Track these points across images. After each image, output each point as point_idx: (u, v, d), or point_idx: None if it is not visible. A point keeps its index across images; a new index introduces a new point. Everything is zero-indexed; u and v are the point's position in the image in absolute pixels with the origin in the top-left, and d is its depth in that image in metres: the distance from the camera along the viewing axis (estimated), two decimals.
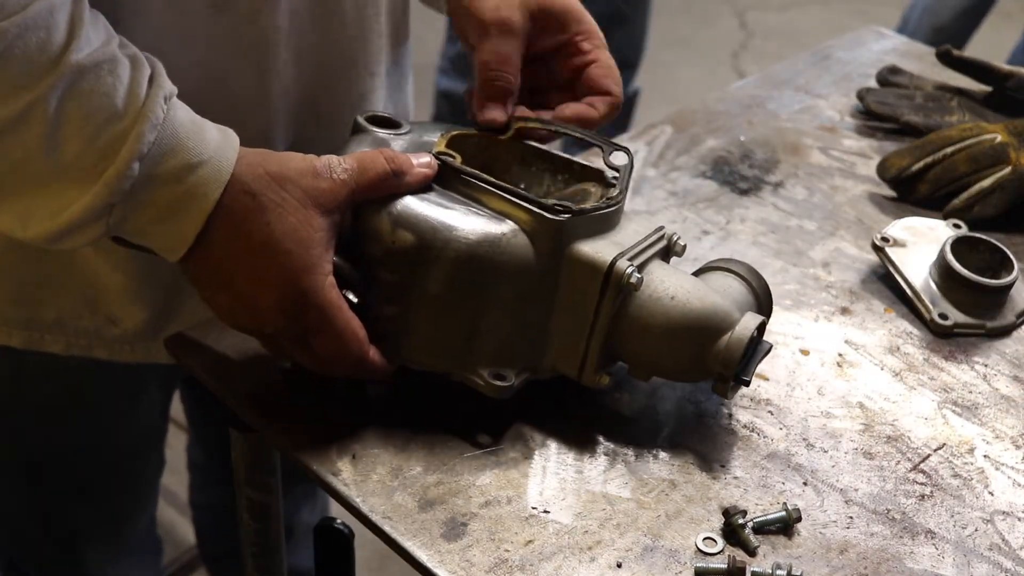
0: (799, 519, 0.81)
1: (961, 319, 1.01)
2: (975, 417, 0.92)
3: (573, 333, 0.83)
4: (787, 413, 0.91)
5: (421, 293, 0.80)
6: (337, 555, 0.99)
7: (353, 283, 0.81)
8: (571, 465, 0.84)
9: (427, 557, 0.76)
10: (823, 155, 1.26)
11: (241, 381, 0.88)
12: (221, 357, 0.90)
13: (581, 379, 0.84)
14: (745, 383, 0.83)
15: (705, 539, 0.79)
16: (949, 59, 1.31)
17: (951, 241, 1.03)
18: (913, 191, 1.19)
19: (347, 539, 0.98)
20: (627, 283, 0.80)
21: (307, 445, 0.83)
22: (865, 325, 1.01)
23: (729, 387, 0.83)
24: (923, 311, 1.02)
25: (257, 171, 0.77)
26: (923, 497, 0.84)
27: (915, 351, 0.99)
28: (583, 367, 0.84)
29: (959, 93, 1.32)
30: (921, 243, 1.07)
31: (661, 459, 0.85)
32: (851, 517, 0.82)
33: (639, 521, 0.80)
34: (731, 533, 0.79)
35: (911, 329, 1.01)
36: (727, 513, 0.80)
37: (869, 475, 0.86)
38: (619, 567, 0.76)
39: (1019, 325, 1.03)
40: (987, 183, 1.15)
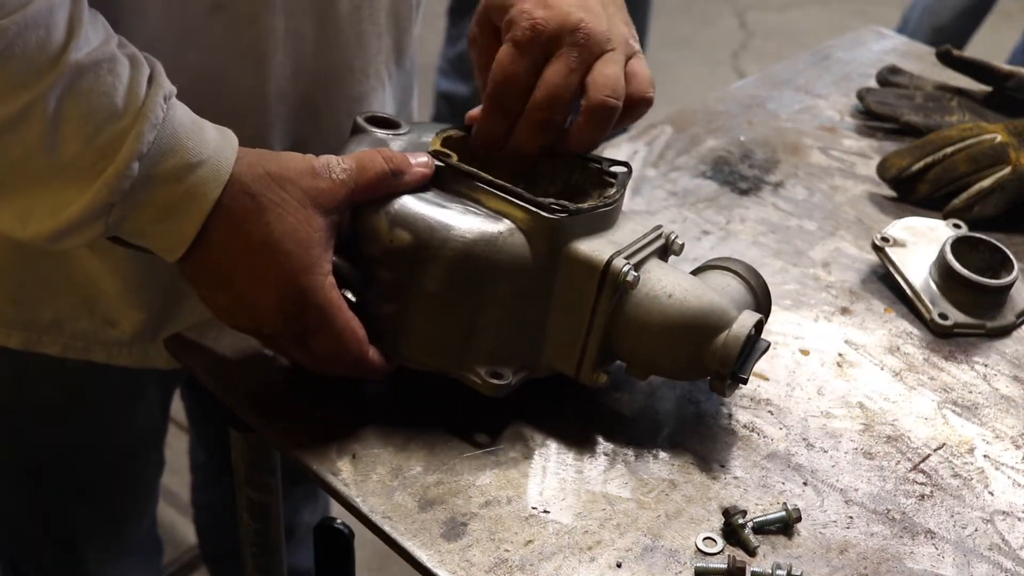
0: (799, 519, 0.81)
1: (961, 319, 1.01)
2: (975, 417, 0.92)
3: (570, 332, 0.83)
4: (787, 413, 0.91)
5: (419, 292, 0.80)
6: (337, 555, 0.99)
7: (352, 282, 0.81)
8: (571, 465, 0.84)
9: (427, 557, 0.76)
10: (823, 155, 1.26)
11: (241, 381, 0.88)
12: (221, 357, 0.90)
13: (579, 378, 0.84)
14: (743, 381, 0.83)
15: (705, 539, 0.79)
16: (949, 59, 1.31)
17: (951, 241, 1.03)
18: (913, 191, 1.19)
19: (347, 539, 0.98)
20: (623, 281, 0.80)
21: (307, 445, 0.83)
22: (865, 325, 1.01)
23: (726, 385, 0.83)
24: (923, 311, 1.02)
25: (256, 171, 0.77)
26: (923, 497, 0.84)
27: (915, 351, 0.99)
28: (580, 366, 0.84)
29: (959, 93, 1.32)
30: (921, 243, 1.07)
31: (661, 459, 0.85)
32: (851, 517, 0.82)
33: (639, 521, 0.80)
34: (731, 533, 0.79)
35: (911, 329, 1.01)
36: (727, 513, 0.80)
37: (869, 475, 0.86)
38: (619, 567, 0.76)
39: (1019, 325, 1.03)
40: (987, 183, 1.15)
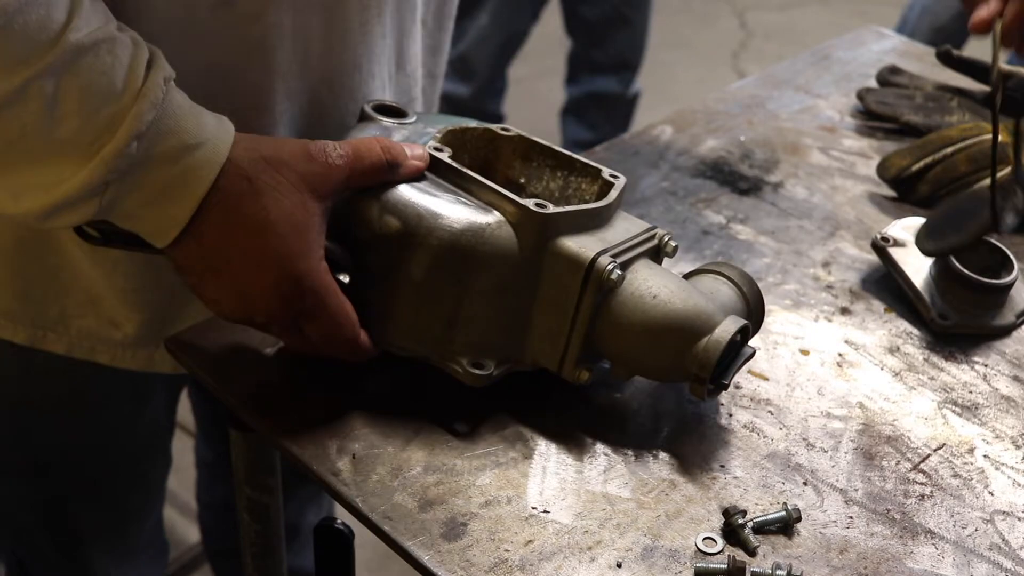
0: (799, 519, 0.81)
1: (961, 319, 1.01)
2: (975, 417, 0.92)
3: (554, 327, 0.83)
4: (787, 413, 0.91)
5: (405, 279, 0.81)
6: (337, 555, 0.99)
7: (344, 266, 0.82)
8: (571, 465, 0.84)
9: (427, 557, 0.76)
10: (823, 155, 1.26)
11: (241, 381, 0.88)
12: (221, 357, 0.90)
13: (561, 373, 0.85)
14: (723, 387, 0.84)
15: (705, 539, 0.79)
16: (949, 59, 1.31)
17: None
18: (913, 191, 1.19)
19: (347, 539, 0.98)
20: (607, 280, 0.81)
21: (307, 445, 0.83)
22: (865, 325, 1.01)
23: (705, 389, 0.83)
24: (923, 311, 1.02)
25: (253, 154, 0.77)
26: (923, 497, 0.84)
27: (915, 351, 0.99)
28: (563, 361, 0.84)
29: (959, 93, 1.32)
30: None
31: (661, 459, 0.85)
32: (851, 517, 0.82)
33: (639, 521, 0.80)
34: (731, 533, 0.79)
35: (911, 329, 1.01)
36: (727, 513, 0.80)
37: (869, 475, 0.86)
38: (619, 567, 0.76)
39: (1019, 325, 1.03)
40: (987, 183, 1.15)
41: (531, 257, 0.82)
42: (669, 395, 0.91)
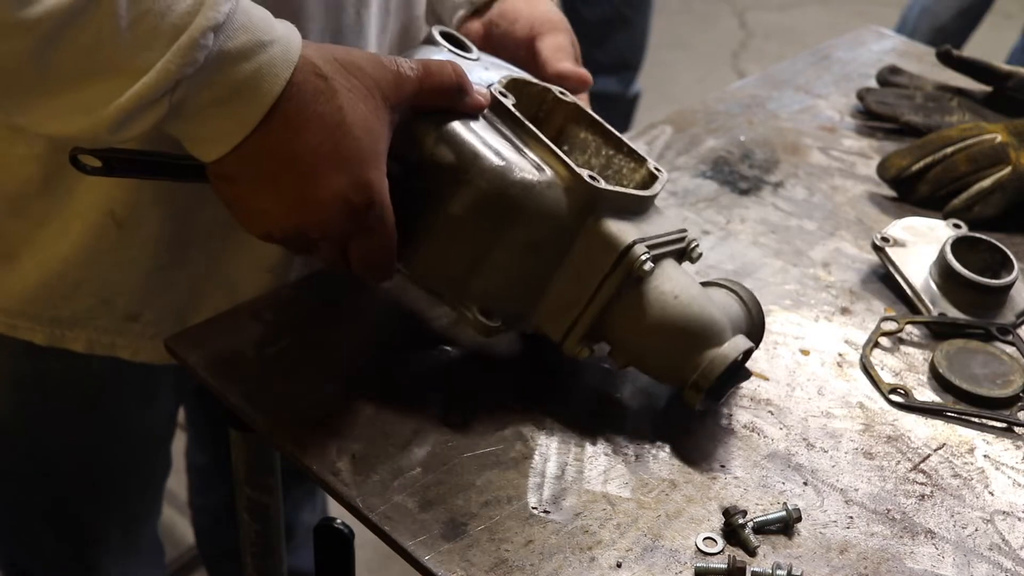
0: (799, 519, 0.81)
1: (961, 319, 1.01)
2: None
3: (570, 299, 0.83)
4: (787, 413, 0.91)
5: (444, 212, 0.80)
6: (337, 555, 0.99)
7: (393, 186, 0.79)
8: (571, 465, 0.84)
9: (427, 557, 0.76)
10: (823, 155, 1.26)
11: (241, 381, 0.88)
12: (221, 357, 0.90)
13: (563, 346, 0.85)
14: (714, 401, 0.85)
15: (705, 539, 0.79)
16: (949, 59, 1.31)
17: (951, 241, 1.04)
18: (913, 191, 1.19)
19: (347, 539, 0.98)
20: (638, 269, 0.81)
21: (307, 445, 0.83)
22: (865, 325, 1.01)
23: (700, 399, 0.83)
24: (923, 311, 1.02)
25: (326, 55, 0.74)
26: (923, 497, 0.84)
27: (915, 351, 0.99)
28: (568, 334, 0.84)
29: (959, 93, 1.32)
30: (921, 243, 1.07)
31: (661, 459, 0.85)
32: (851, 517, 0.82)
33: (639, 521, 0.80)
34: (731, 533, 0.79)
35: (911, 329, 1.01)
36: (727, 513, 0.80)
37: (869, 475, 0.86)
38: (619, 567, 0.76)
39: (1019, 325, 1.02)
40: (987, 183, 1.15)
41: (570, 225, 0.81)
42: (669, 394, 0.90)
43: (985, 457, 0.88)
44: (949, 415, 0.92)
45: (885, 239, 1.07)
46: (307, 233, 0.77)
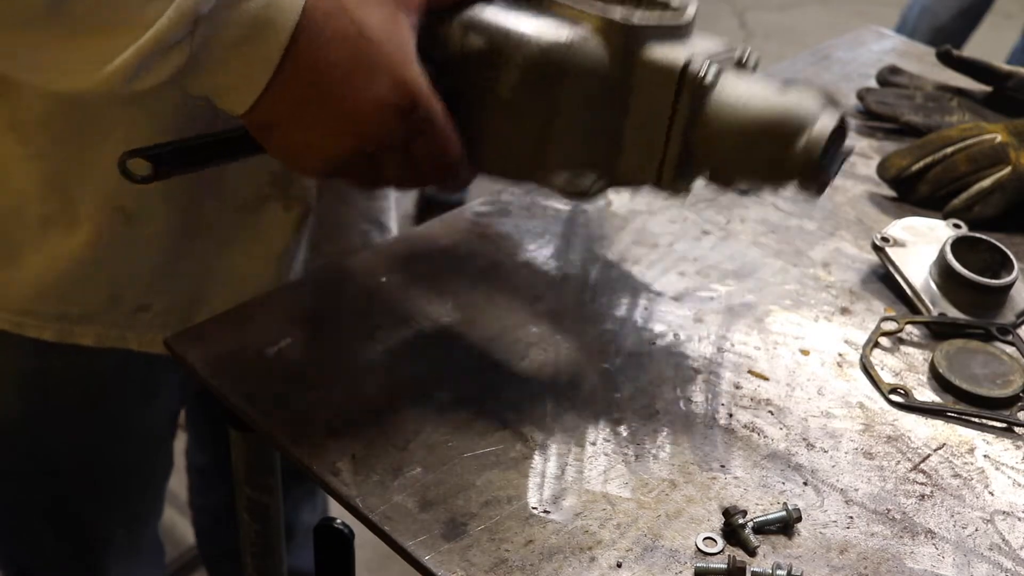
0: (799, 519, 0.81)
1: (961, 319, 1.01)
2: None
3: (649, 140, 0.81)
4: (787, 413, 0.91)
5: (492, 99, 0.79)
6: (337, 555, 0.99)
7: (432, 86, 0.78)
8: (571, 465, 0.84)
9: (427, 557, 0.76)
10: None
11: (241, 381, 0.88)
12: (221, 357, 0.90)
13: (661, 185, 0.83)
14: (830, 175, 0.80)
15: (705, 539, 0.79)
16: (949, 59, 1.31)
17: (951, 241, 1.04)
18: (913, 191, 1.19)
19: (347, 539, 0.98)
20: (701, 82, 0.79)
21: (307, 445, 0.83)
22: (865, 325, 1.01)
23: (815, 182, 0.80)
24: (923, 311, 1.02)
25: None
26: (923, 497, 0.84)
27: (915, 351, 0.99)
28: (661, 173, 0.82)
29: (959, 93, 1.32)
30: (921, 243, 1.07)
31: (661, 459, 0.85)
32: (851, 517, 0.82)
33: (639, 521, 0.80)
34: (731, 533, 0.79)
35: (911, 329, 1.01)
36: (727, 513, 0.80)
37: (869, 475, 0.86)
38: (619, 567, 0.76)
39: (1019, 325, 1.03)
40: (987, 183, 1.15)
41: (619, 70, 0.79)
42: (669, 395, 0.91)
43: (985, 457, 0.88)
44: (949, 415, 0.92)
45: (885, 239, 1.07)
46: (365, 150, 0.76)
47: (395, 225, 1.20)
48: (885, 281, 1.06)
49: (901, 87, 1.35)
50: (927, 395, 0.94)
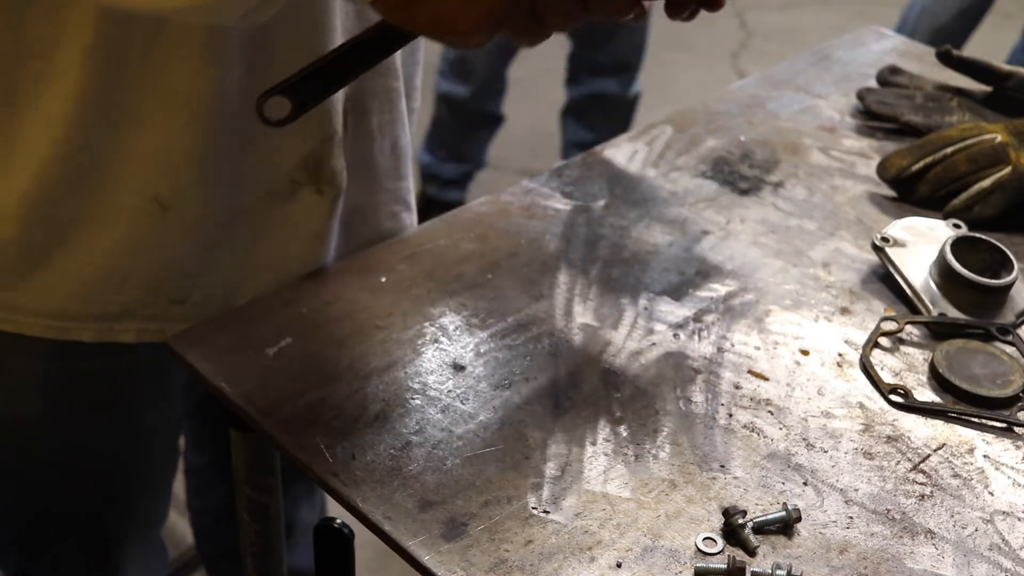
0: (799, 519, 0.81)
1: (961, 319, 1.01)
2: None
3: None
4: (787, 413, 0.91)
5: None
6: (337, 555, 0.99)
7: None
8: (571, 465, 0.84)
9: (427, 557, 0.76)
10: (823, 155, 1.26)
11: (241, 381, 0.88)
12: (221, 357, 0.90)
13: None
14: None
15: (705, 539, 0.79)
16: (949, 59, 1.31)
17: (951, 241, 1.04)
18: (913, 191, 1.19)
19: (347, 539, 0.98)
20: None
21: (307, 445, 0.83)
22: (865, 325, 1.01)
23: None
24: (923, 311, 1.02)
25: None
26: (923, 497, 0.84)
27: (915, 351, 0.99)
28: None
29: (959, 93, 1.32)
30: (921, 243, 1.07)
31: (661, 459, 0.85)
32: (851, 517, 0.82)
33: (639, 521, 0.80)
34: (731, 533, 0.79)
35: (911, 329, 1.01)
36: (727, 513, 0.80)
37: (869, 475, 0.86)
38: (619, 567, 0.76)
39: (1019, 325, 1.03)
40: (987, 183, 1.15)
41: None
42: (669, 395, 0.91)
43: (985, 457, 0.88)
44: (949, 415, 0.92)
45: (885, 239, 1.07)
46: None
47: (414, 203, 1.18)
48: (885, 281, 1.06)
49: (901, 87, 1.35)
50: (927, 395, 0.94)
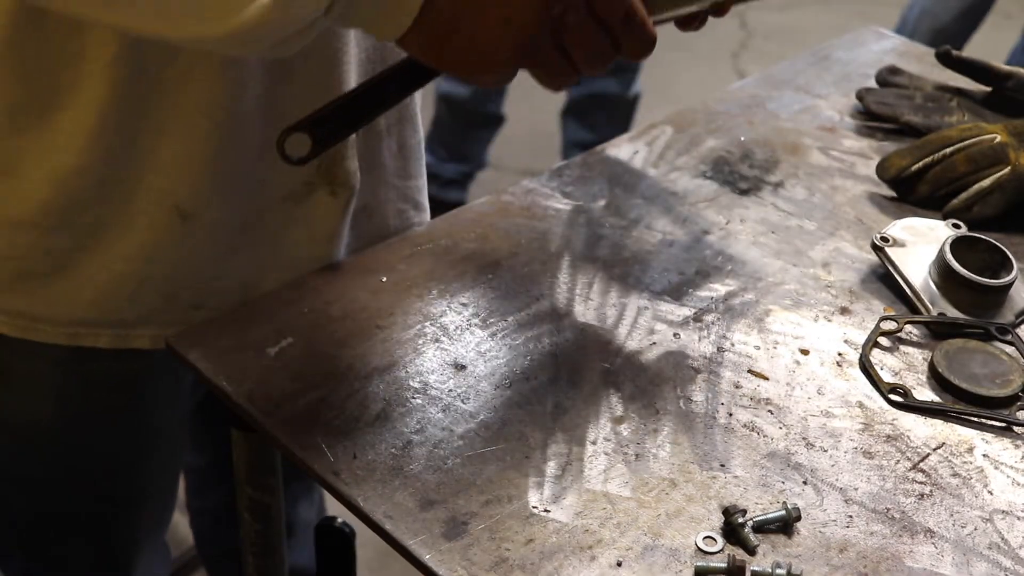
0: (799, 518, 0.81)
1: (961, 319, 1.01)
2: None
3: None
4: (787, 412, 0.91)
5: None
6: (338, 554, 1.00)
7: None
8: (571, 464, 0.84)
9: (428, 556, 0.76)
10: (823, 155, 1.27)
11: (242, 381, 0.88)
12: (222, 356, 0.90)
13: None
14: None
15: (705, 538, 0.79)
16: (949, 59, 1.31)
17: (950, 241, 1.04)
18: (913, 191, 1.19)
19: (348, 538, 0.99)
20: None
21: (308, 445, 0.83)
22: (865, 325, 1.01)
23: None
24: (923, 311, 1.02)
25: None
26: (922, 496, 0.84)
27: (914, 351, 0.99)
28: None
29: (959, 93, 1.32)
30: (921, 243, 1.08)
31: (661, 458, 0.85)
32: (851, 516, 0.82)
33: (639, 520, 0.80)
34: (731, 532, 0.79)
35: (911, 329, 1.01)
36: (727, 512, 0.80)
37: (869, 474, 0.86)
38: (619, 566, 0.77)
39: (1019, 325, 1.03)
40: (986, 183, 1.15)
41: None
42: (669, 394, 0.91)
43: (984, 456, 0.89)
44: (948, 414, 0.92)
45: (885, 239, 1.07)
46: (551, 11, 0.74)
47: (428, 204, 1.19)
48: (885, 281, 1.07)
49: (901, 87, 1.35)
50: (926, 395, 0.94)
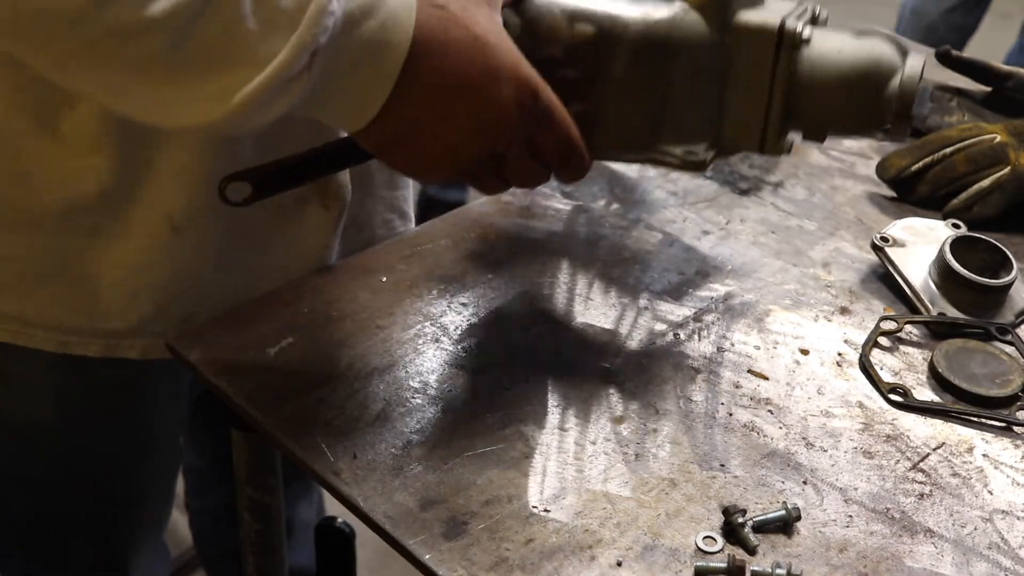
0: (799, 518, 0.81)
1: (960, 319, 1.01)
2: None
3: (750, 104, 0.85)
4: (787, 412, 0.91)
5: (605, 81, 0.83)
6: (338, 554, 1.00)
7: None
8: (571, 464, 0.84)
9: (428, 556, 0.76)
10: (823, 155, 1.27)
11: (242, 381, 0.88)
12: (223, 357, 0.90)
13: (764, 150, 0.86)
14: (910, 122, 0.85)
15: (705, 538, 0.79)
16: (948, 59, 1.31)
17: (950, 241, 1.04)
18: (913, 191, 1.19)
19: (348, 538, 0.99)
20: (798, 38, 0.82)
21: (308, 445, 0.83)
22: (865, 325, 1.01)
23: (907, 126, 0.84)
24: (923, 311, 1.02)
25: None
26: (922, 496, 0.84)
27: (914, 351, 0.99)
28: (764, 137, 0.86)
29: (959, 93, 1.32)
30: (921, 243, 1.08)
31: (661, 458, 0.85)
32: (851, 516, 0.82)
33: (639, 520, 0.80)
34: (731, 532, 0.79)
35: (911, 329, 1.01)
36: (727, 512, 0.80)
37: (868, 474, 0.86)
38: (619, 566, 0.77)
39: (1019, 325, 1.03)
40: (986, 183, 1.15)
41: (718, 40, 0.83)
42: (669, 394, 0.91)
43: (984, 456, 0.89)
44: (948, 414, 0.92)
45: (884, 239, 1.07)
46: (494, 149, 0.78)
47: (413, 212, 1.20)
48: (885, 281, 1.07)
49: None
50: (926, 394, 0.94)
